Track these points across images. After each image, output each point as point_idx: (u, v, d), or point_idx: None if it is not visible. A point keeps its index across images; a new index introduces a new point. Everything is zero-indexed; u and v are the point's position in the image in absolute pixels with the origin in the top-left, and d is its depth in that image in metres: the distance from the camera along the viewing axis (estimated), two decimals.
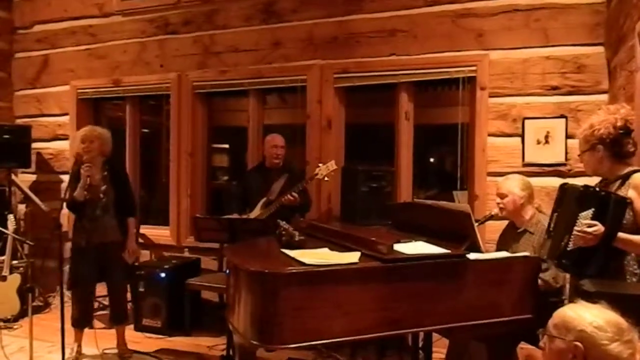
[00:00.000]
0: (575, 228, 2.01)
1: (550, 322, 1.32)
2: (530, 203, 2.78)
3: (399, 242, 2.19)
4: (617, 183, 2.08)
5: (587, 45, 3.45)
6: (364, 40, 4.01)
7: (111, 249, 3.39)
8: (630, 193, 2.00)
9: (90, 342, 3.46)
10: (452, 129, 3.91)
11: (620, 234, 1.95)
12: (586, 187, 2.06)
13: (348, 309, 1.91)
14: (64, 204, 3.44)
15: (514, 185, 2.76)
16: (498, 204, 2.80)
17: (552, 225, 2.21)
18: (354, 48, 4.03)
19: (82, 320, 3.42)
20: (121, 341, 3.53)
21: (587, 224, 1.96)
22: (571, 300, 2.21)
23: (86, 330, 3.47)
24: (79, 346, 3.44)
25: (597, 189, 2.06)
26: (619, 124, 2.05)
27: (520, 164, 3.58)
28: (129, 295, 4.09)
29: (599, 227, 1.94)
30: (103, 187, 3.38)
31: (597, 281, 1.91)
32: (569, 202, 2.12)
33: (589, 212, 1.99)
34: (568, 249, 2.06)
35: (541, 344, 1.36)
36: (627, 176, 2.05)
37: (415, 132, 4.04)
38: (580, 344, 1.23)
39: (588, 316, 1.25)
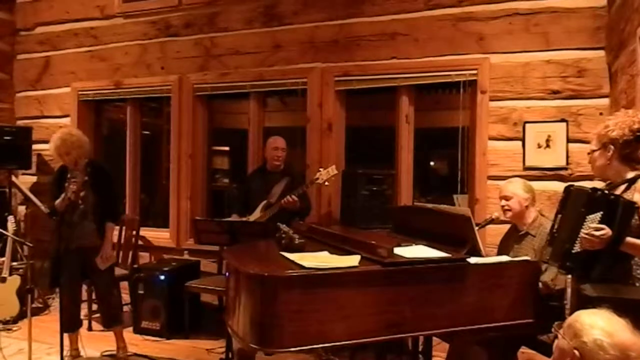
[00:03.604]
0: (583, 231, 1.99)
1: (568, 319, 1.32)
2: (533, 206, 2.79)
3: (399, 245, 2.18)
4: (623, 187, 2.07)
5: (588, 50, 3.46)
6: (364, 43, 4.01)
7: (91, 253, 3.34)
8: (637, 197, 1.99)
9: (89, 344, 3.47)
10: (452, 133, 3.91)
11: (628, 239, 1.94)
12: (594, 189, 2.05)
13: (348, 313, 1.90)
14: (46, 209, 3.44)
15: (517, 188, 2.77)
16: (503, 206, 2.80)
17: (555, 227, 2.20)
18: (355, 51, 4.03)
19: (69, 324, 3.36)
20: (120, 343, 3.51)
21: (594, 227, 1.95)
22: (572, 305, 2.20)
23: (86, 332, 3.47)
24: (75, 349, 3.44)
25: (606, 192, 2.04)
26: (635, 126, 2.04)
27: (521, 167, 3.58)
28: (127, 297, 4.09)
29: (607, 231, 1.92)
30: (82, 193, 3.29)
31: (599, 286, 1.90)
32: (575, 204, 2.10)
33: (597, 215, 1.97)
34: (573, 251, 2.05)
35: (553, 332, 1.36)
36: (633, 180, 2.05)
37: (415, 135, 4.04)
38: (578, 353, 1.23)
39: (597, 331, 1.22)
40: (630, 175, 2.06)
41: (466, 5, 3.73)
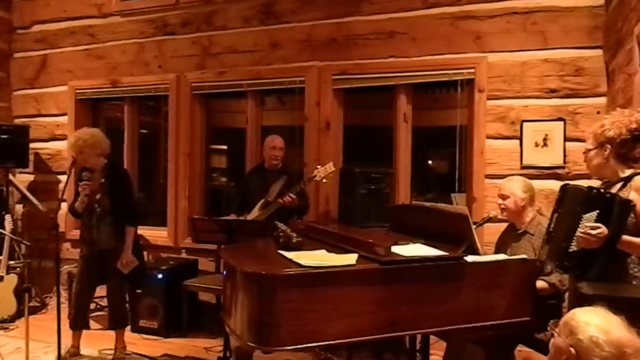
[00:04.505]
0: (579, 229, 1.99)
1: (563, 317, 1.33)
2: (531, 205, 2.78)
3: (396, 244, 2.18)
4: (619, 185, 2.07)
5: (585, 48, 3.46)
6: (362, 42, 4.01)
7: (108, 255, 3.38)
8: (632, 195, 1.99)
9: (87, 343, 3.46)
10: (450, 131, 3.91)
11: (624, 237, 1.95)
12: (590, 188, 2.06)
13: (345, 311, 1.91)
14: (67, 207, 3.51)
15: (516, 187, 2.76)
16: (500, 204, 2.80)
17: (552, 225, 2.20)
18: (353, 50, 4.03)
19: (77, 323, 3.44)
20: (119, 344, 3.50)
21: (590, 226, 1.95)
22: (570, 303, 2.21)
23: (84, 331, 3.48)
24: (74, 347, 3.44)
25: (602, 190, 2.05)
26: (633, 126, 2.05)
27: (519, 166, 3.58)
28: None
29: (603, 230, 1.92)
30: (97, 196, 3.35)
31: (595, 284, 1.90)
32: (572, 203, 2.11)
33: (593, 214, 1.97)
34: (570, 250, 2.05)
35: (549, 330, 1.36)
36: (629, 178, 2.05)
37: (413, 134, 4.04)
38: (574, 350, 1.23)
39: (593, 328, 1.23)
40: (626, 173, 2.07)
41: (464, 4, 3.73)
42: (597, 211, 1.97)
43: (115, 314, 3.50)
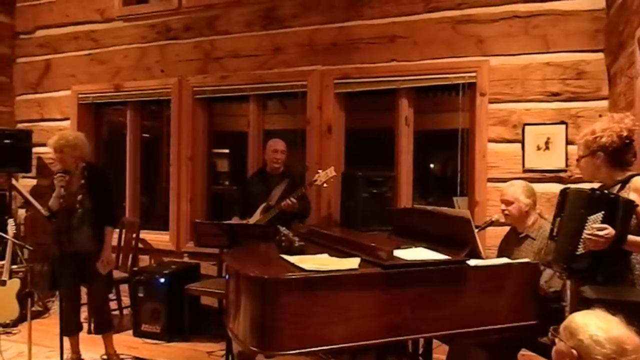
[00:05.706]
0: (585, 231, 1.99)
1: (563, 323, 1.34)
2: (534, 209, 2.78)
3: (399, 248, 2.19)
4: (617, 187, 2.08)
5: (587, 52, 3.46)
6: (364, 46, 4.02)
7: (87, 258, 3.31)
8: (632, 196, 2.00)
9: (89, 348, 3.46)
10: (452, 135, 3.91)
11: (630, 237, 1.95)
12: (593, 190, 2.07)
13: (348, 315, 1.91)
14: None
15: (519, 192, 2.76)
16: (503, 210, 2.79)
17: (555, 230, 2.20)
18: (354, 54, 4.04)
19: (69, 328, 3.33)
20: (110, 349, 3.47)
21: (598, 227, 1.95)
22: (572, 307, 2.21)
23: (85, 335, 3.47)
24: (75, 353, 3.43)
25: (606, 191, 2.06)
26: (624, 134, 2.05)
27: (521, 169, 3.58)
28: (127, 300, 4.08)
29: (610, 230, 1.93)
30: (79, 197, 3.31)
31: (598, 288, 1.90)
32: (575, 206, 2.11)
33: (599, 215, 1.97)
34: (577, 253, 2.05)
35: (550, 337, 1.37)
36: (626, 180, 2.06)
37: (415, 137, 4.04)
38: (575, 352, 1.24)
39: (592, 328, 1.24)
40: (623, 176, 2.08)
41: (465, 8, 3.74)
42: (603, 212, 1.97)
43: (100, 319, 3.46)
